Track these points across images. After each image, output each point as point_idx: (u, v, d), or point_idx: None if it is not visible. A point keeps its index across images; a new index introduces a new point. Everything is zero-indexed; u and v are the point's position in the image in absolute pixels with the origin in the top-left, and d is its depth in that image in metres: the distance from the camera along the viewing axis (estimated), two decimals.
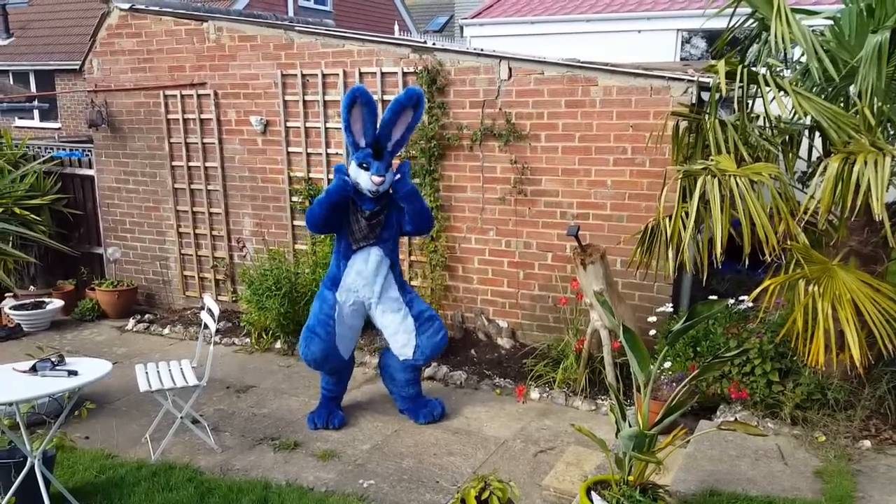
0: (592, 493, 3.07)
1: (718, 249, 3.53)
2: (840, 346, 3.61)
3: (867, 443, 3.73)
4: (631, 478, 3.03)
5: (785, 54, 4.58)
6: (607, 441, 3.19)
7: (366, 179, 4.14)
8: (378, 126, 4.18)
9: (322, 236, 5.99)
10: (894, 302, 3.54)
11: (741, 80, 3.76)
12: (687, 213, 3.78)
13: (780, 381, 4.08)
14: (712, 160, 3.82)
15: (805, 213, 3.55)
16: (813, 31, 3.94)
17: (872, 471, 3.47)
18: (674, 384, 4.08)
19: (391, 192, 4.28)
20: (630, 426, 3.06)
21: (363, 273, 4.35)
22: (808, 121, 4.35)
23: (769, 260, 3.63)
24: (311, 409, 4.83)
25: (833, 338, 3.52)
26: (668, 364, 4.41)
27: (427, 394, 4.79)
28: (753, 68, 4.04)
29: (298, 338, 5.91)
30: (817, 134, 4.32)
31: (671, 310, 4.89)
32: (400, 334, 4.44)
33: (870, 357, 3.59)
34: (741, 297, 4.54)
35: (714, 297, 3.73)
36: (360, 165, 4.16)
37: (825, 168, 3.49)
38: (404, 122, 4.23)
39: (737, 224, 3.65)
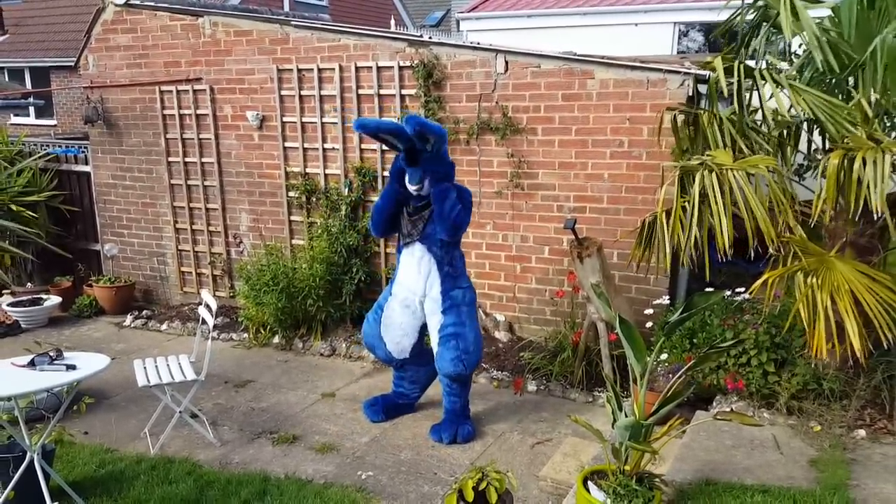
0: (589, 482, 3.09)
1: (726, 242, 3.54)
2: (840, 335, 3.62)
3: (862, 432, 3.75)
4: (627, 467, 3.05)
5: (787, 47, 4.58)
6: (604, 432, 3.21)
7: (407, 184, 4.04)
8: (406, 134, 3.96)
9: (319, 231, 6.00)
10: (892, 291, 3.56)
11: (738, 76, 3.76)
12: (684, 209, 3.79)
13: (775, 371, 4.10)
14: (708, 155, 3.83)
15: (821, 212, 3.54)
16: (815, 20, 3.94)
17: (867, 459, 3.50)
18: (670, 375, 4.09)
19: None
20: (626, 417, 3.08)
21: (408, 269, 4.20)
22: (803, 115, 4.36)
23: (762, 253, 3.64)
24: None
25: (833, 328, 3.54)
26: (664, 355, 4.43)
27: None
28: (751, 62, 4.04)
29: (296, 333, 5.99)
30: (815, 127, 4.33)
31: (668, 302, 4.91)
32: (433, 337, 4.23)
33: (870, 346, 3.61)
34: (737, 290, 4.56)
35: (710, 290, 3.74)
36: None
37: (826, 163, 3.50)
38: (430, 135, 3.94)
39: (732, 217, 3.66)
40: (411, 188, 4.02)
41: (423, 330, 4.33)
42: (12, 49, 15.69)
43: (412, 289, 4.22)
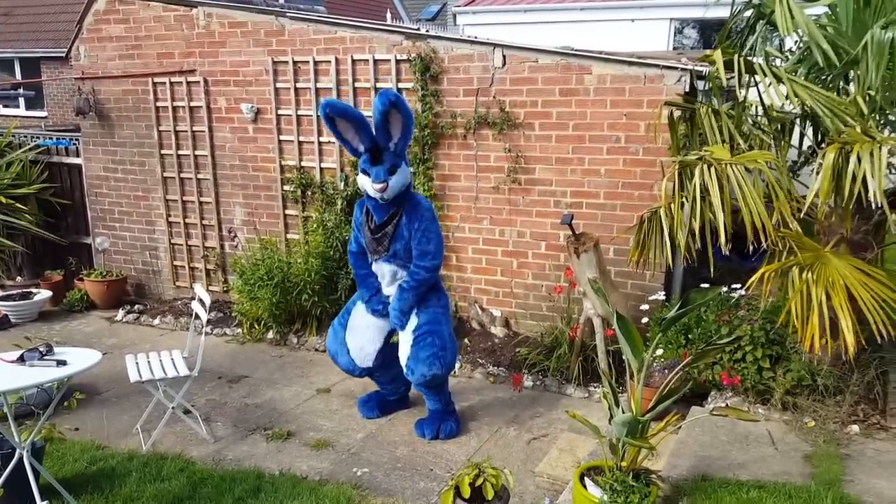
0: (586, 478, 3.09)
1: (723, 237, 3.53)
2: (833, 331, 3.63)
3: (855, 427, 3.76)
4: (624, 463, 3.04)
5: (781, 44, 4.58)
6: (600, 427, 3.20)
7: (370, 187, 3.88)
8: (373, 128, 3.87)
9: (314, 226, 5.96)
10: (887, 287, 3.56)
11: (738, 70, 3.75)
12: (682, 204, 3.78)
13: (770, 367, 4.11)
14: (706, 150, 3.82)
15: (812, 206, 3.54)
16: (811, 18, 3.94)
17: (860, 455, 3.51)
18: (666, 371, 4.10)
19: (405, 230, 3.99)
20: (623, 413, 3.07)
21: (380, 280, 4.20)
22: (799, 110, 4.36)
23: (757, 248, 3.64)
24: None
25: (827, 323, 3.54)
26: (660, 351, 4.42)
27: None
28: (749, 58, 4.03)
29: (291, 328, 5.95)
30: (809, 123, 4.33)
31: (663, 298, 4.91)
32: (403, 338, 4.15)
33: (863, 341, 3.62)
34: (733, 286, 4.57)
35: (706, 286, 3.74)
36: (363, 172, 3.91)
37: (822, 158, 3.49)
38: (396, 122, 3.85)
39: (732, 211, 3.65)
40: (375, 187, 3.83)
41: (390, 336, 4.31)
42: (1, 39, 15.50)
43: (386, 294, 4.19)
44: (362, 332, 4.24)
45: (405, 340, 4.12)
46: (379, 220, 4.00)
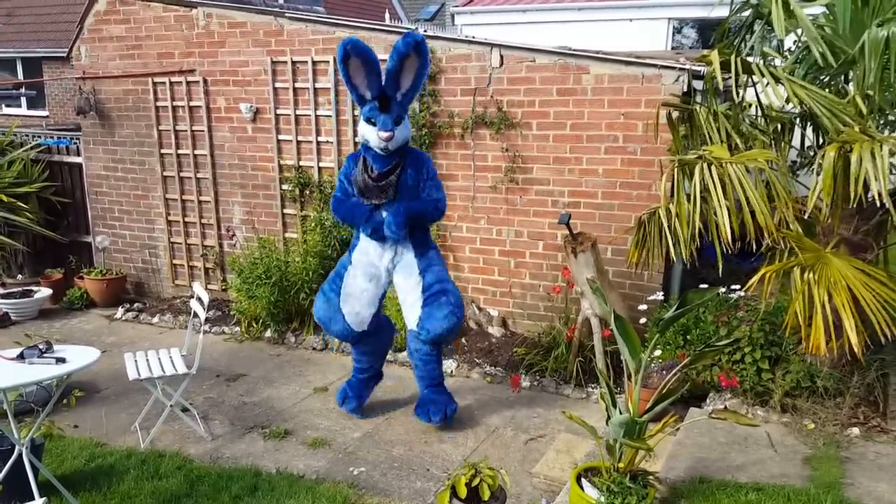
0: (583, 479, 3.08)
1: (729, 235, 3.52)
2: (835, 332, 3.61)
3: (856, 430, 3.74)
4: (621, 464, 3.04)
5: (780, 44, 4.57)
6: (598, 428, 3.19)
7: (374, 136, 3.81)
8: (383, 76, 3.80)
9: (312, 224, 5.97)
10: (888, 288, 3.55)
11: (735, 71, 3.74)
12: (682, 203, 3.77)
13: (769, 368, 4.09)
14: (705, 149, 3.81)
15: (816, 208, 3.52)
16: (809, 18, 3.93)
17: (861, 458, 3.49)
18: (664, 372, 4.09)
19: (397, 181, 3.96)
20: (620, 414, 3.07)
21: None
22: (798, 110, 4.35)
23: (758, 248, 3.63)
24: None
25: (831, 324, 3.52)
26: (658, 352, 4.42)
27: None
28: (747, 58, 4.02)
29: (288, 327, 5.95)
30: (809, 123, 4.33)
31: (662, 298, 4.90)
32: (409, 301, 4.13)
33: (867, 340, 3.60)
34: (732, 286, 4.55)
35: (705, 286, 3.72)
36: (367, 121, 3.83)
37: (822, 158, 3.48)
38: (411, 69, 3.80)
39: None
40: (382, 136, 3.79)
41: (382, 299, 4.29)
42: (4, 39, 15.52)
43: (380, 256, 4.12)
44: (357, 297, 4.19)
45: (412, 303, 4.10)
46: (381, 168, 3.94)
